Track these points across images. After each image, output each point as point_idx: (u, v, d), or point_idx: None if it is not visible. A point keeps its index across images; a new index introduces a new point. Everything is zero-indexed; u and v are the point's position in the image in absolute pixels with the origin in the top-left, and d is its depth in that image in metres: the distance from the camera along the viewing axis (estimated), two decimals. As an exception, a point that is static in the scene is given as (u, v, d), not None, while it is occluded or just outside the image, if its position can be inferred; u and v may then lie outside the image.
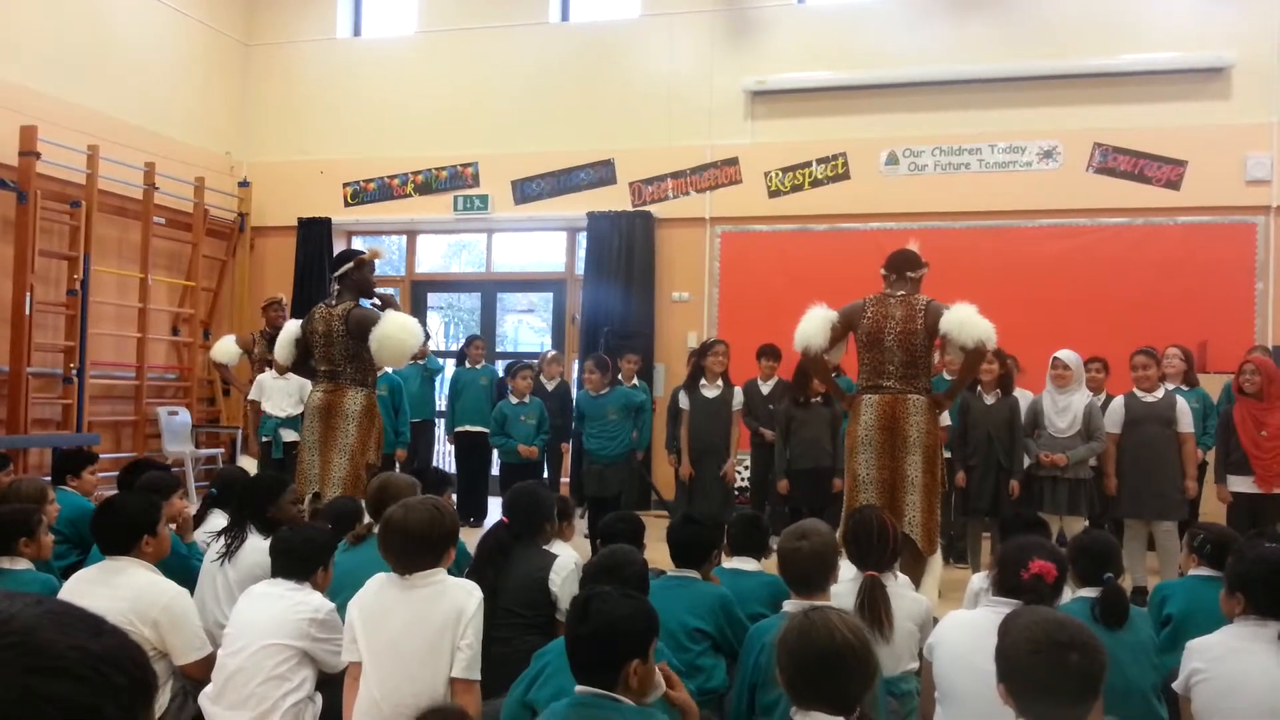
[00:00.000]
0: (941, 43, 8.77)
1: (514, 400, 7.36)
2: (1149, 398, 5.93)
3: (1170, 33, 8.32)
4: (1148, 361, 5.99)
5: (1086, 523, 5.88)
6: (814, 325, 5.04)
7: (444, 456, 10.01)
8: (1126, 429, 5.92)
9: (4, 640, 0.68)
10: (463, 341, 8.64)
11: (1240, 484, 5.79)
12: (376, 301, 5.51)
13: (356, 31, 10.65)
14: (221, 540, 3.61)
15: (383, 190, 10.14)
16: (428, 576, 2.78)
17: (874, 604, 3.11)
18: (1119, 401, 6.03)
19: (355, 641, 2.74)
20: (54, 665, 0.68)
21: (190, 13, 9.85)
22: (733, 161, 9.20)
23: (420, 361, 8.00)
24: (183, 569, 3.59)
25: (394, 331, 5.11)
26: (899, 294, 5.01)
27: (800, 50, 9.10)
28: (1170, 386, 6.23)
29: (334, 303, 5.36)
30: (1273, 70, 8.12)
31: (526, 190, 9.73)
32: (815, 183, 9.03)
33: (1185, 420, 5.88)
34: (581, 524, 6.21)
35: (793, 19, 9.25)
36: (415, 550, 2.76)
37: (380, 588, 2.81)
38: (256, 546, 3.53)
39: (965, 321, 4.70)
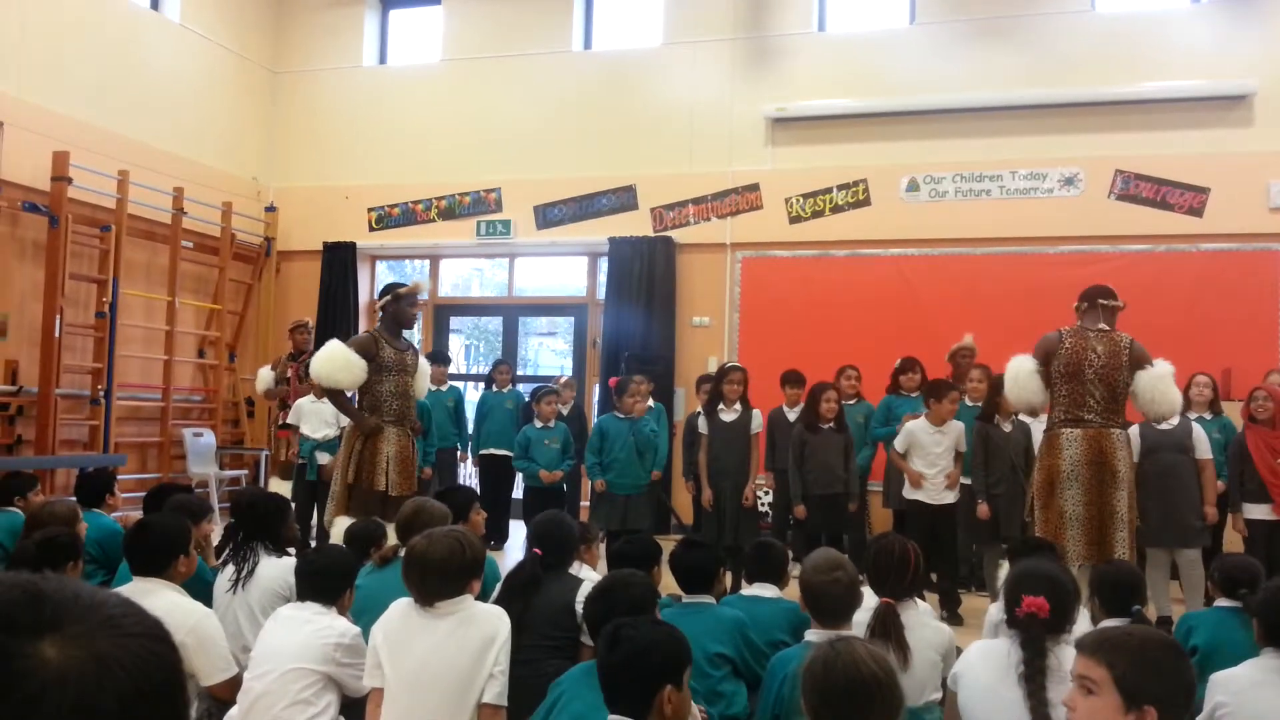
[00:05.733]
0: (962, 70, 8.81)
1: (539, 425, 7.40)
2: (1165, 425, 5.88)
3: (1191, 60, 8.32)
4: None
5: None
6: (1031, 382, 4.93)
7: (469, 480, 10.05)
8: (1144, 458, 5.86)
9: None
10: (486, 365, 8.71)
11: (1258, 511, 5.78)
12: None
13: (382, 60, 10.81)
14: (230, 567, 3.64)
15: (407, 215, 10.25)
16: (454, 604, 2.80)
17: (886, 630, 3.11)
18: (1134, 430, 5.96)
19: (379, 667, 2.76)
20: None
21: (219, 41, 10.04)
22: (754, 188, 9.25)
23: (440, 389, 8.08)
24: (205, 591, 3.63)
25: (317, 364, 5.35)
26: (1098, 328, 4.97)
27: (821, 77, 9.16)
28: (1193, 415, 6.20)
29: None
30: (1295, 97, 8.12)
31: (549, 215, 9.81)
32: (836, 209, 9.06)
33: (1203, 447, 5.84)
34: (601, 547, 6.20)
35: (813, 46, 9.32)
36: (437, 582, 2.78)
37: (404, 613, 2.83)
38: (272, 565, 3.56)
39: (1158, 388, 4.87)
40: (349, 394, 5.59)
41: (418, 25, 10.78)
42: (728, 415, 6.34)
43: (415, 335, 10.32)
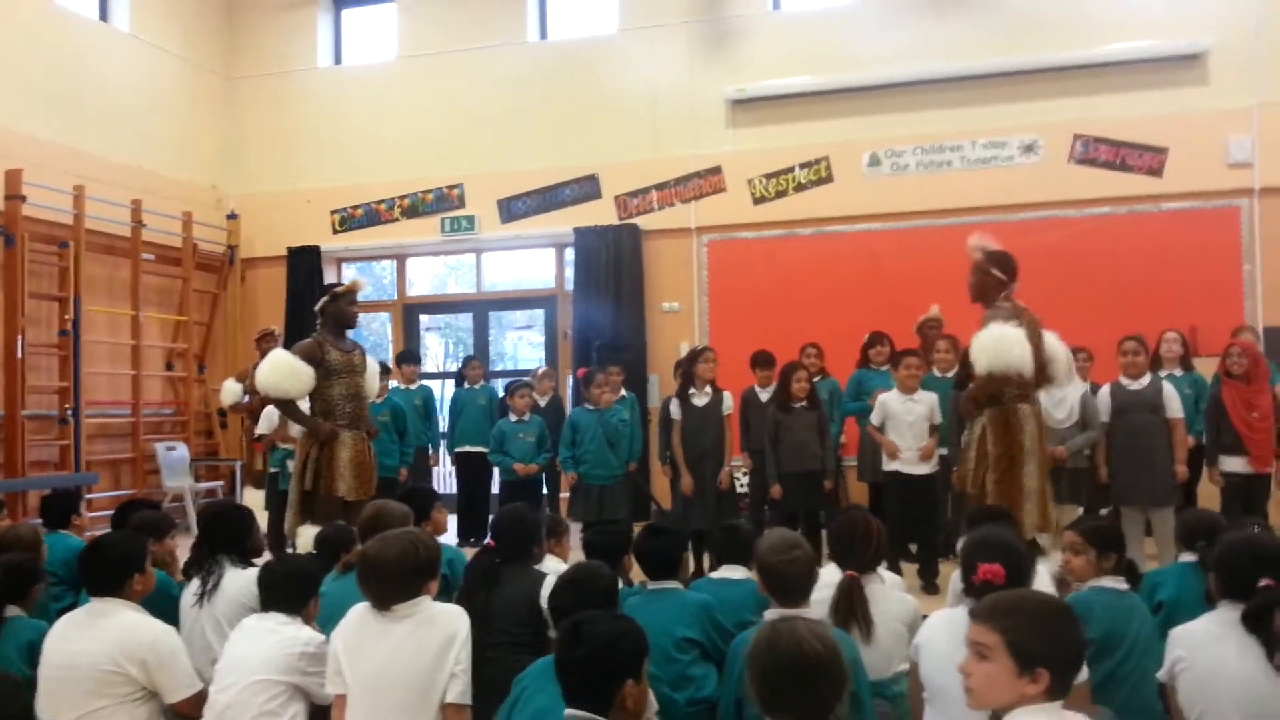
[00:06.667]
0: (918, 42, 8.80)
1: (513, 419, 7.38)
2: (1135, 385, 5.96)
3: (1145, 21, 8.35)
4: (1138, 348, 6.01)
5: (1081, 511, 5.90)
6: (1024, 350, 4.64)
7: (445, 478, 10.03)
8: (1114, 417, 5.95)
9: None
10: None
11: (1234, 464, 5.84)
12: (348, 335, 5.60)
13: (338, 60, 10.71)
14: (195, 580, 3.61)
15: (370, 216, 10.17)
16: (410, 607, 2.78)
17: (851, 604, 3.12)
18: (1105, 390, 6.06)
19: (340, 673, 2.75)
20: None
21: (171, 49, 9.91)
22: (716, 170, 9.23)
23: (409, 387, 8.05)
24: (171, 607, 3.59)
25: (262, 375, 5.31)
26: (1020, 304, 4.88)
27: (778, 56, 9.14)
28: (1164, 373, 6.25)
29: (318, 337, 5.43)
30: (1250, 53, 8.15)
31: (513, 209, 9.76)
32: (799, 187, 9.05)
33: (1173, 406, 5.90)
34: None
35: (769, 26, 9.29)
36: (391, 586, 2.77)
37: (361, 618, 2.82)
38: (238, 577, 3.53)
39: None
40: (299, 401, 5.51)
41: (371, 23, 10.68)
42: (699, 399, 6.34)
43: (386, 336, 10.29)
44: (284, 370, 5.23)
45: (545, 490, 7.94)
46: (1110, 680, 3.05)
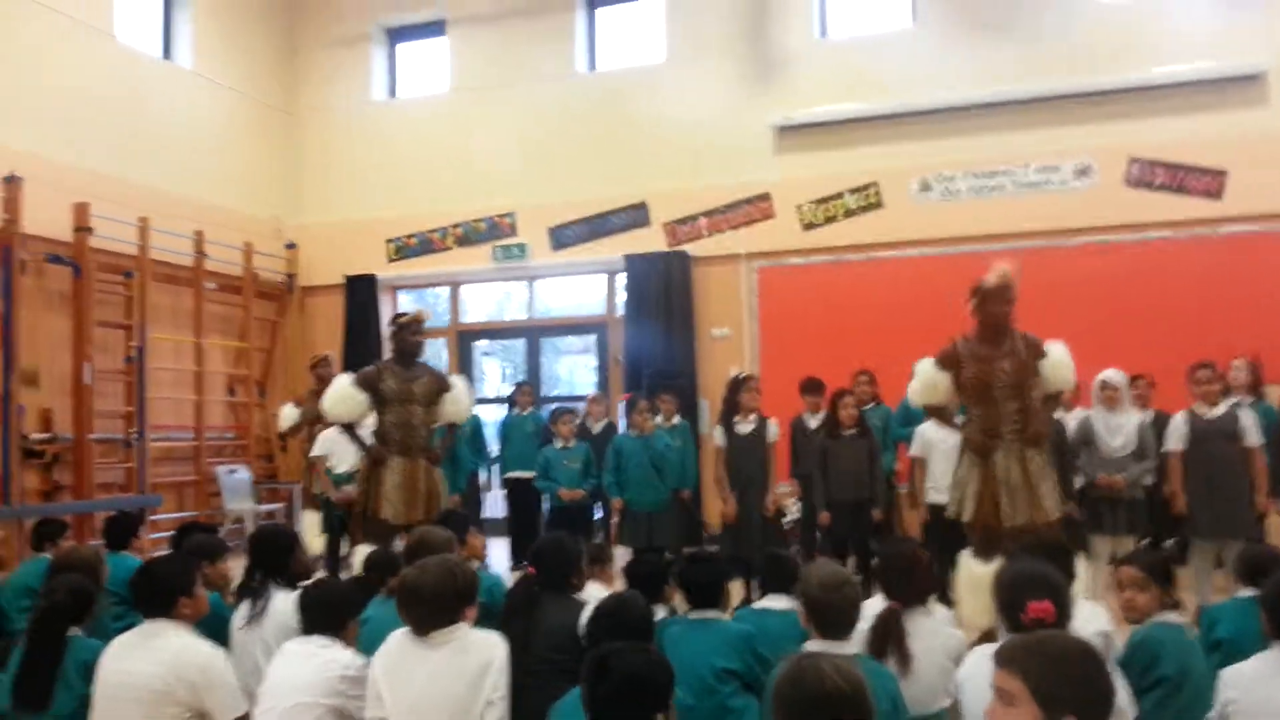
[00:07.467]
0: (967, 66, 8.76)
1: (558, 445, 7.42)
2: (1211, 413, 5.72)
3: (1200, 42, 8.21)
4: (1211, 376, 5.79)
5: (1134, 542, 5.76)
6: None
7: (496, 503, 10.09)
8: (1191, 447, 5.72)
9: None
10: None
11: (1300, 498, 5.63)
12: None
13: (392, 93, 10.96)
14: (245, 603, 3.68)
15: (424, 244, 10.36)
16: (448, 633, 2.81)
17: (886, 635, 3.07)
18: (1180, 418, 5.82)
19: (380, 698, 2.78)
20: None
21: (231, 85, 10.22)
22: (765, 197, 9.24)
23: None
24: (223, 629, 3.67)
25: (325, 399, 5.72)
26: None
27: (825, 83, 9.15)
28: (1235, 399, 6.03)
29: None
30: (1311, 72, 7.97)
31: (562, 237, 9.87)
32: (849, 213, 9.03)
33: (1252, 434, 5.66)
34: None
35: (816, 53, 9.31)
36: (429, 612, 2.80)
37: (401, 644, 2.85)
38: (285, 599, 3.59)
39: None
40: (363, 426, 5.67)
41: (425, 57, 10.93)
42: (744, 427, 6.33)
43: (442, 362, 10.43)
44: (338, 395, 5.53)
45: (600, 515, 7.96)
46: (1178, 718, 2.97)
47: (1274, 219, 7.96)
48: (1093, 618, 3.39)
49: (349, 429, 5.64)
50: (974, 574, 4.51)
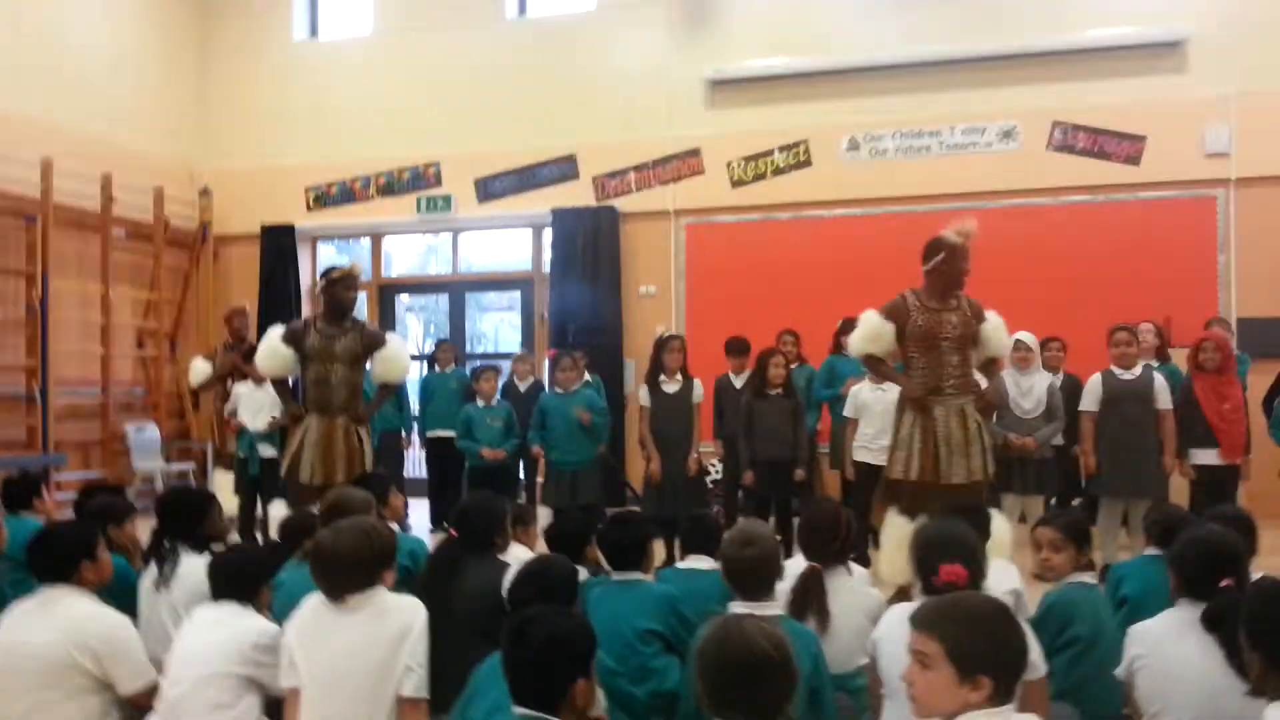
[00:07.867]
0: (899, 26, 8.76)
1: (480, 403, 7.30)
2: (1127, 375, 5.86)
3: (1126, 8, 8.33)
4: (1129, 338, 5.94)
5: (1043, 501, 5.92)
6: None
7: (417, 463, 9.96)
8: (1105, 407, 5.88)
9: None
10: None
11: (1205, 456, 5.81)
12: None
13: (313, 33, 10.55)
14: (153, 567, 3.55)
15: (345, 193, 10.06)
16: (365, 598, 2.74)
17: (808, 595, 3.10)
18: (1096, 379, 5.96)
19: (293, 665, 2.70)
20: None
21: (143, 14, 9.70)
22: (695, 152, 9.17)
23: None
24: (130, 594, 3.54)
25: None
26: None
27: (759, 37, 9.07)
28: (1144, 363, 6.20)
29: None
30: (1229, 42, 8.14)
31: (490, 188, 9.67)
32: (778, 171, 9.01)
33: (1164, 397, 5.83)
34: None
35: (750, 6, 9.21)
36: (344, 576, 2.72)
37: (315, 610, 2.77)
38: (196, 564, 3.47)
39: None
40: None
41: (347, -4, 10.53)
42: (669, 386, 6.31)
43: (362, 317, 10.18)
44: (265, 349, 5.38)
45: (521, 476, 7.89)
46: (1088, 677, 3.05)
47: (1189, 185, 8.17)
48: (1005, 576, 3.46)
49: (279, 383, 5.48)
50: (901, 532, 4.58)
